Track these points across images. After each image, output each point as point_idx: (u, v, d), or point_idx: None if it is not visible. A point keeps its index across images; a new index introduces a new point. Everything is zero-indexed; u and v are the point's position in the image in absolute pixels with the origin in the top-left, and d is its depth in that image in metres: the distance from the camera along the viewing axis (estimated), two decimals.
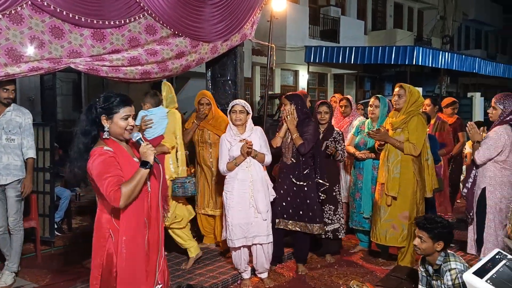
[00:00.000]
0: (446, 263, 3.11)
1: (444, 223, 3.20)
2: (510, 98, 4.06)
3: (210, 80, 5.93)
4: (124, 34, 4.55)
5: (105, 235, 2.58)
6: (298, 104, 4.40)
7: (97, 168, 2.47)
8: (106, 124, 2.58)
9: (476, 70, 16.35)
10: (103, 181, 2.45)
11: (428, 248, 3.18)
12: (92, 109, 2.58)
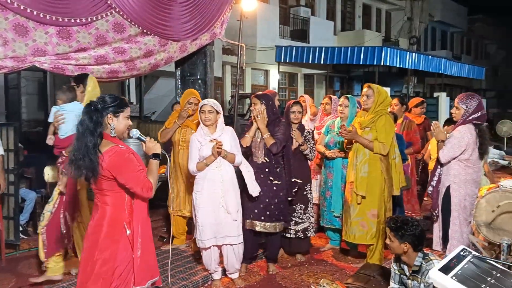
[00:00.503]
0: (428, 262, 3.13)
1: (411, 225, 3.18)
2: (472, 98, 4.17)
3: (180, 79, 5.89)
4: (91, 32, 4.46)
5: (120, 229, 2.72)
6: (268, 104, 4.40)
7: (124, 164, 2.65)
8: (112, 123, 2.72)
9: (442, 70, 16.75)
10: (136, 175, 2.66)
11: (396, 248, 3.22)
12: (97, 109, 2.68)
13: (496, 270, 2.32)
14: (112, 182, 2.68)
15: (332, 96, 5.79)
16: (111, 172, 2.65)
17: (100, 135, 2.66)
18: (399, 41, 23.76)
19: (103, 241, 2.71)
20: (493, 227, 3.46)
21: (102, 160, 2.63)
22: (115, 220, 2.72)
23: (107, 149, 2.65)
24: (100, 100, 2.73)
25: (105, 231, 2.71)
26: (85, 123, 2.65)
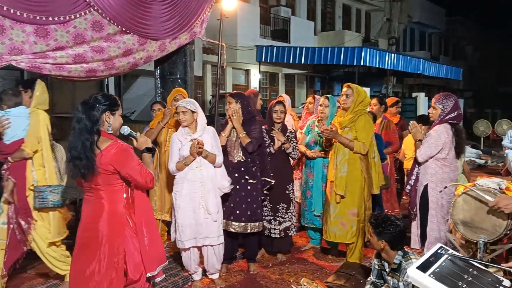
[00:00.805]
0: (408, 261, 3.15)
1: (391, 224, 3.20)
2: (448, 98, 4.23)
3: (159, 78, 5.84)
4: (69, 30, 4.39)
5: (123, 222, 2.83)
6: (244, 103, 4.39)
7: (128, 159, 2.78)
8: (110, 120, 2.83)
9: (421, 71, 16.97)
10: (139, 168, 2.81)
11: (374, 244, 3.27)
12: (94, 107, 2.76)
13: (473, 268, 2.36)
14: (111, 177, 2.78)
15: (316, 96, 5.82)
16: (114, 166, 2.75)
17: (98, 133, 2.75)
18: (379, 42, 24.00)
19: (108, 236, 2.78)
20: (470, 225, 3.52)
21: (104, 156, 2.72)
22: (115, 214, 2.82)
23: (108, 145, 2.74)
24: (97, 98, 2.80)
25: (108, 226, 2.79)
26: (83, 121, 2.72)
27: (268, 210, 4.77)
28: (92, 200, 2.83)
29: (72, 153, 2.71)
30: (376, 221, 3.25)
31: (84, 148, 2.69)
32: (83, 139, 2.70)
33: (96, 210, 2.81)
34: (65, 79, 4.67)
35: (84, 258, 2.81)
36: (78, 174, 2.74)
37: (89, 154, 2.69)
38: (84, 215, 2.87)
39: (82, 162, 2.69)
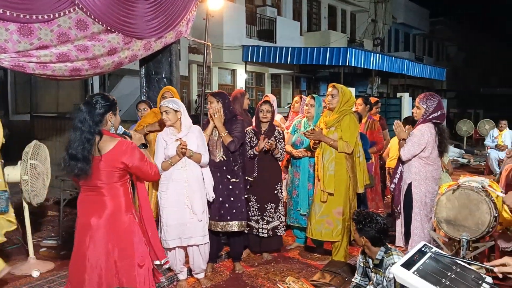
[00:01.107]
0: (389, 257, 3.20)
1: (372, 221, 3.24)
2: (432, 98, 4.29)
3: (145, 77, 5.80)
4: (53, 29, 4.35)
5: (130, 218, 2.95)
6: (225, 102, 4.38)
7: (136, 155, 2.90)
8: (112, 120, 2.93)
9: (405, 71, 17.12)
10: (147, 163, 2.97)
11: (357, 240, 3.32)
12: (97, 108, 2.84)
13: (456, 265, 2.39)
14: (118, 174, 2.87)
15: (302, 96, 5.84)
16: (126, 162, 2.86)
17: (100, 133, 2.82)
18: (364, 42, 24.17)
19: (117, 231, 2.89)
20: (453, 223, 3.57)
21: (114, 154, 2.82)
22: (122, 210, 2.92)
23: (117, 143, 2.85)
24: (99, 99, 2.87)
25: (116, 221, 2.89)
26: (87, 122, 2.78)
27: (255, 210, 4.77)
28: (95, 198, 2.88)
29: (71, 152, 2.76)
30: (357, 218, 3.30)
31: (83, 149, 2.75)
32: (84, 140, 2.76)
33: (102, 207, 2.87)
34: (49, 78, 4.62)
35: (91, 254, 2.86)
36: (72, 174, 2.79)
37: (87, 156, 2.75)
38: (87, 212, 2.90)
39: (78, 163, 2.75)
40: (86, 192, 2.92)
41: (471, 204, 3.47)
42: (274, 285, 4.15)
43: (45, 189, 4.63)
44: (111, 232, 2.88)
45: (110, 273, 2.88)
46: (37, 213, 6.16)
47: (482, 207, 3.41)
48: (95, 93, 2.99)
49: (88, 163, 2.75)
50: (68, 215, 6.41)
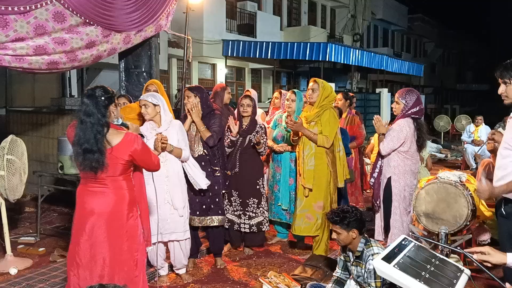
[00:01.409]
0: (369, 248, 3.23)
1: (351, 211, 3.31)
2: (411, 93, 4.34)
3: (124, 71, 5.72)
4: (30, 21, 4.25)
5: (133, 210, 2.99)
6: (202, 96, 4.36)
7: (143, 147, 2.95)
8: (115, 112, 2.95)
9: (384, 67, 17.32)
10: (150, 154, 3.04)
11: (345, 239, 3.30)
12: (101, 100, 2.82)
13: (435, 258, 2.43)
14: (124, 166, 2.90)
15: (282, 91, 5.83)
16: (133, 155, 2.88)
17: (107, 125, 2.83)
18: (343, 38, 24.32)
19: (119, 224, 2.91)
20: (432, 216, 3.63)
21: (122, 146, 2.84)
22: (130, 201, 2.96)
23: (125, 135, 2.88)
24: (101, 91, 2.85)
25: (116, 214, 2.91)
26: (95, 115, 2.77)
27: (237, 205, 4.77)
28: (97, 190, 2.89)
29: (85, 146, 2.76)
30: (339, 217, 3.29)
31: (97, 142, 2.76)
32: (95, 132, 2.76)
33: (104, 198, 2.89)
34: (25, 71, 4.52)
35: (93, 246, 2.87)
36: (89, 167, 2.78)
37: (101, 148, 2.77)
38: (88, 204, 2.90)
39: (94, 155, 2.76)
40: (88, 184, 2.92)
41: (449, 198, 3.53)
42: (256, 279, 4.15)
43: (22, 185, 4.54)
44: (112, 224, 2.90)
45: (110, 264, 2.89)
46: (14, 210, 6.06)
47: (460, 200, 3.47)
48: (94, 86, 2.95)
49: (103, 154, 2.78)
50: (46, 212, 6.32)
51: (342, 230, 3.28)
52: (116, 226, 2.91)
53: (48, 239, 5.29)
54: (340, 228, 3.28)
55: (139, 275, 3.04)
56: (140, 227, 3.08)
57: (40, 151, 7.05)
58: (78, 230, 2.93)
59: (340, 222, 3.28)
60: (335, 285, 3.49)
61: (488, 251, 2.26)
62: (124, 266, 2.95)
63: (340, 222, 3.28)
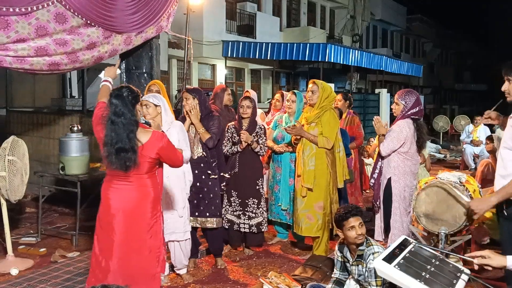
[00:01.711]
0: (370, 247, 3.27)
1: (356, 207, 3.39)
2: (410, 94, 4.36)
3: (125, 72, 5.73)
4: (31, 22, 4.26)
5: (157, 208, 3.08)
6: (201, 98, 4.39)
7: (169, 144, 3.02)
8: (141, 111, 3.11)
9: (383, 67, 17.33)
10: (175, 151, 3.10)
11: (364, 232, 3.32)
12: (130, 100, 2.89)
13: (435, 258, 2.45)
14: (151, 163, 2.98)
15: (284, 92, 5.84)
16: (160, 153, 2.97)
17: (137, 124, 2.92)
18: (343, 39, 24.36)
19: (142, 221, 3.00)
20: (432, 217, 3.65)
21: (150, 145, 2.92)
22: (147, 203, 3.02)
23: (152, 133, 2.96)
24: (128, 91, 2.92)
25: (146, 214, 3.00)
26: (126, 115, 2.85)
27: (236, 205, 4.79)
28: (123, 187, 2.97)
29: (119, 146, 2.83)
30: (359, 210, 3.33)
31: (130, 141, 2.84)
32: (128, 131, 2.84)
33: (129, 195, 2.97)
34: (26, 72, 4.53)
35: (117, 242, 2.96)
36: (122, 166, 2.86)
37: (134, 146, 2.86)
38: (113, 200, 2.98)
39: (128, 154, 2.84)
40: (113, 181, 3.00)
41: (449, 199, 3.55)
42: (257, 280, 4.17)
43: (24, 186, 4.56)
44: (135, 221, 2.98)
45: (129, 260, 2.98)
46: (15, 210, 6.06)
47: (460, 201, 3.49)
48: (120, 85, 3.05)
49: (136, 153, 2.86)
50: (47, 212, 6.33)
51: (363, 222, 3.30)
52: (139, 223, 2.99)
53: (49, 240, 5.31)
54: (361, 221, 3.29)
55: (160, 272, 3.13)
56: (162, 224, 3.16)
57: (41, 151, 7.07)
58: (101, 225, 3.03)
59: (362, 214, 3.33)
60: (335, 286, 3.51)
61: (488, 255, 2.27)
62: (146, 263, 3.02)
63: (362, 214, 3.32)
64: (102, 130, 2.92)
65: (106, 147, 2.89)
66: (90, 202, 5.25)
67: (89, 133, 5.12)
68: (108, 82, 3.33)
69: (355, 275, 3.37)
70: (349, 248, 3.42)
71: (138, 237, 3.00)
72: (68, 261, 4.62)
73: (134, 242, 2.99)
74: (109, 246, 2.98)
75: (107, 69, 3.44)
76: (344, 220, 3.29)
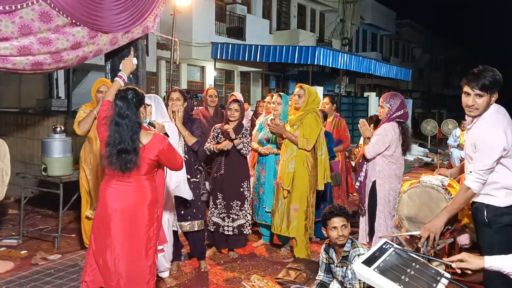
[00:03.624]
0: (355, 248, 3.27)
1: (340, 206, 3.40)
2: (395, 97, 4.37)
3: (110, 73, 5.69)
4: (15, 21, 4.20)
5: (154, 210, 3.09)
6: (188, 103, 4.45)
7: (169, 147, 3.06)
8: (144, 114, 3.08)
9: (372, 71, 17.39)
10: (175, 154, 3.13)
11: (349, 233, 3.32)
12: (134, 102, 2.94)
13: (416, 262, 2.45)
14: (150, 165, 3.02)
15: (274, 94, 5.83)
16: (159, 156, 3.01)
17: (140, 126, 2.97)
18: (332, 42, 24.42)
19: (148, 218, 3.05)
20: (414, 220, 3.65)
21: (150, 147, 2.96)
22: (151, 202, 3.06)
23: (153, 135, 3.01)
24: (133, 93, 2.97)
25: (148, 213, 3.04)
26: (129, 116, 2.90)
27: (222, 208, 4.76)
28: (121, 188, 3.00)
29: (121, 147, 2.88)
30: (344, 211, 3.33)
31: (133, 142, 2.89)
32: (131, 133, 2.90)
33: (128, 196, 3.00)
34: (9, 72, 4.47)
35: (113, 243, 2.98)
36: (123, 167, 2.90)
37: (137, 148, 2.91)
38: (111, 201, 3.00)
39: (129, 156, 2.89)
40: (112, 181, 3.03)
41: (431, 202, 3.55)
42: (240, 283, 4.14)
43: (5, 187, 4.49)
44: (132, 221, 3.00)
45: (124, 261, 2.99)
46: None
47: (442, 205, 3.49)
48: (125, 87, 3.09)
49: (137, 154, 2.91)
50: (29, 214, 6.25)
51: (347, 223, 3.29)
52: (136, 224, 3.01)
53: (30, 242, 5.24)
54: (346, 221, 3.29)
55: (152, 278, 3.12)
56: (159, 227, 3.17)
57: (25, 152, 6.98)
58: (98, 225, 3.05)
59: (347, 215, 3.31)
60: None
61: (465, 258, 2.27)
62: (141, 264, 3.03)
63: (345, 215, 3.30)
64: (106, 131, 2.97)
65: (108, 147, 2.93)
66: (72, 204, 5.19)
67: (73, 134, 5.06)
68: (121, 79, 3.37)
69: (339, 277, 3.36)
70: (334, 249, 3.41)
71: (135, 238, 3.02)
72: (49, 263, 4.55)
73: (131, 243, 3.01)
74: (105, 245, 3.00)
75: (124, 64, 3.50)
76: (327, 220, 3.32)
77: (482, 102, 2.94)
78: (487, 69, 2.94)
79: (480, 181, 2.90)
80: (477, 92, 2.92)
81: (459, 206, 3.08)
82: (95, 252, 3.07)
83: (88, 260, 3.10)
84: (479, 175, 2.89)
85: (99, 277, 3.05)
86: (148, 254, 3.07)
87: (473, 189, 2.92)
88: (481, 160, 2.88)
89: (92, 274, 3.07)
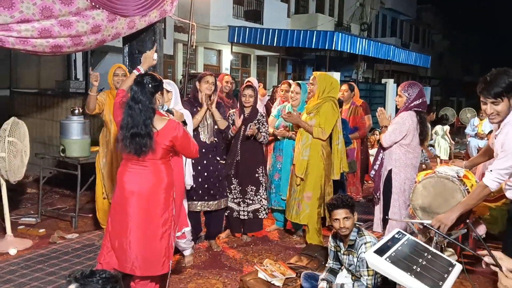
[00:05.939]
0: (362, 237, 3.29)
1: (344, 195, 3.42)
2: (413, 86, 4.33)
3: (128, 56, 5.72)
4: (36, 2, 4.22)
5: (170, 194, 3.16)
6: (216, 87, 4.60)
7: (184, 134, 3.11)
8: (160, 100, 3.15)
9: (391, 57, 17.19)
10: (190, 141, 3.18)
11: (351, 225, 3.33)
12: (149, 88, 3.00)
13: (428, 252, 2.45)
14: (165, 150, 3.08)
15: (290, 82, 5.80)
16: (173, 141, 3.06)
17: (154, 111, 3.02)
18: (351, 27, 24.12)
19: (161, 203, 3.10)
20: (428, 210, 3.64)
21: (165, 132, 3.01)
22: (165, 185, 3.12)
23: (167, 122, 3.05)
24: (150, 79, 3.02)
25: (163, 195, 3.10)
26: (143, 102, 2.95)
27: (237, 192, 4.82)
28: (138, 171, 3.07)
29: (134, 131, 2.94)
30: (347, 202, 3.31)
31: (146, 127, 2.94)
32: (144, 118, 2.95)
33: (144, 179, 3.07)
34: (28, 53, 4.53)
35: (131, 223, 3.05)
36: (137, 150, 2.97)
37: (150, 132, 2.96)
38: (128, 183, 3.08)
39: (143, 139, 2.95)
40: (129, 164, 3.10)
41: (446, 193, 3.53)
42: (252, 266, 4.20)
43: (24, 167, 4.59)
44: (148, 204, 3.06)
45: (142, 244, 3.06)
46: (17, 190, 6.11)
47: (456, 195, 3.47)
48: (143, 73, 3.22)
49: (151, 138, 2.96)
50: (47, 193, 6.38)
51: (351, 214, 3.29)
52: (152, 207, 3.07)
53: (48, 221, 5.36)
54: (350, 212, 3.29)
55: (167, 260, 3.17)
56: (173, 211, 3.22)
57: (44, 133, 7.09)
58: (115, 207, 3.13)
59: (348, 206, 3.30)
60: (329, 274, 3.53)
61: (500, 256, 2.26)
62: (157, 247, 3.09)
63: (349, 206, 3.30)
64: (121, 115, 3.03)
65: (121, 131, 3.02)
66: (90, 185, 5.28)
67: (91, 116, 5.13)
68: (138, 72, 3.37)
69: (346, 265, 3.39)
70: (341, 238, 3.43)
71: (151, 220, 3.08)
72: (66, 242, 4.67)
73: (147, 225, 3.07)
74: (123, 228, 3.07)
75: (144, 57, 3.54)
76: (331, 211, 3.34)
77: (501, 108, 2.89)
78: (500, 73, 2.87)
79: (499, 180, 2.89)
80: (492, 100, 2.88)
81: (475, 202, 3.08)
82: (111, 234, 3.14)
83: (105, 243, 3.19)
84: (499, 175, 2.88)
85: (114, 259, 3.12)
86: (164, 236, 3.13)
87: (491, 187, 2.91)
88: (505, 161, 2.86)
89: (108, 256, 3.14)
